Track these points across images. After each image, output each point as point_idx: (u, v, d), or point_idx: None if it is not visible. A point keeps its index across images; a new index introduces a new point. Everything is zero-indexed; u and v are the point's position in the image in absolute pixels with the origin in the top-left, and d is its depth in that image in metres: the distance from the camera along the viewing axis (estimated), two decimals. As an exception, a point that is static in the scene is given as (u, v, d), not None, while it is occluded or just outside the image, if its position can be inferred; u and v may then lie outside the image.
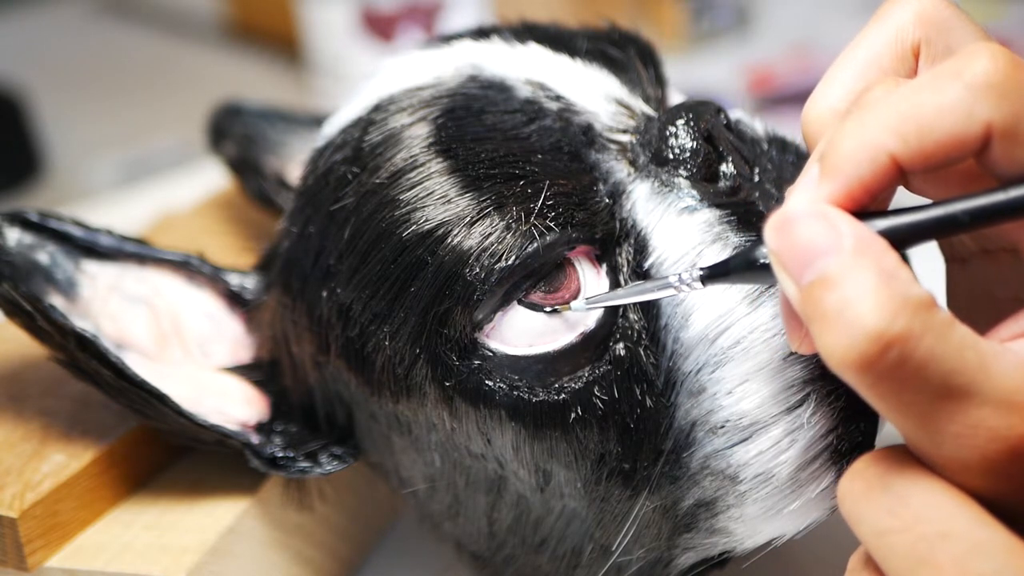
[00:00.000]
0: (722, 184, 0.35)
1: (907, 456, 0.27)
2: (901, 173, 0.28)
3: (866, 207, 0.28)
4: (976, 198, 0.27)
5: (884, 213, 0.28)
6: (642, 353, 0.33)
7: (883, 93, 0.29)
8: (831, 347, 0.26)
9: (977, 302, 0.34)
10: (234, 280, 0.43)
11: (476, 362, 0.34)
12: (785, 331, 0.31)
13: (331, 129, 0.39)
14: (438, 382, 0.34)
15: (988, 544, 0.25)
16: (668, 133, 0.35)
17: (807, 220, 0.27)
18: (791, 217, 0.27)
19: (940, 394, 0.25)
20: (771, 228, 0.27)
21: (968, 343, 0.25)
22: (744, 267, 0.30)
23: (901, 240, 0.28)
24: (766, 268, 0.29)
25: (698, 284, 0.31)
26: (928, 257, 0.35)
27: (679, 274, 0.32)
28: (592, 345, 0.33)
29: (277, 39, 1.11)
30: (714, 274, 0.31)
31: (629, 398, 0.33)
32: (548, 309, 0.34)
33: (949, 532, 0.25)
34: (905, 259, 0.32)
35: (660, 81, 0.40)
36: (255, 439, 0.39)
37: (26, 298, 0.38)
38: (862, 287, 0.25)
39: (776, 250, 0.27)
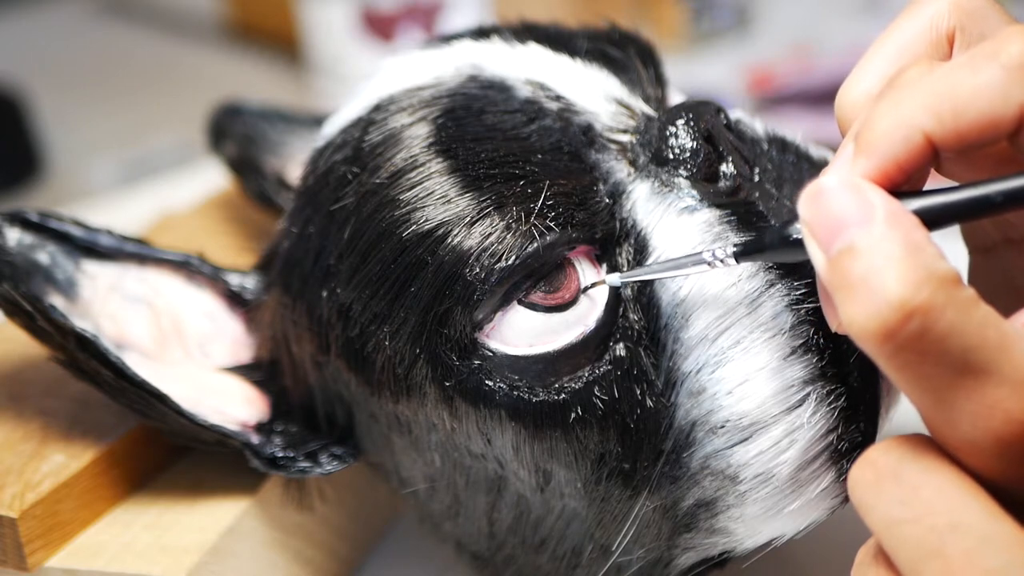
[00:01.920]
0: (722, 184, 0.35)
1: (920, 446, 0.27)
2: (935, 153, 0.28)
3: (899, 186, 0.28)
4: (1011, 179, 0.27)
5: (916, 193, 0.28)
6: (642, 353, 0.33)
7: (918, 74, 0.29)
8: (853, 315, 0.26)
9: (999, 292, 0.34)
10: (234, 280, 0.43)
11: (476, 362, 0.34)
12: (824, 310, 0.31)
13: (331, 129, 0.39)
14: (438, 382, 0.34)
15: (998, 538, 0.25)
16: (668, 133, 0.35)
17: (839, 191, 0.27)
18: (824, 188, 0.27)
19: (959, 370, 0.25)
20: (804, 198, 0.28)
21: (990, 322, 0.25)
22: (778, 243, 0.30)
23: (933, 219, 0.28)
24: (799, 244, 0.29)
25: (731, 260, 0.31)
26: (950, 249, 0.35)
27: (712, 250, 0.32)
28: (592, 345, 0.33)
29: (277, 39, 1.11)
30: (747, 251, 0.31)
31: (629, 398, 0.33)
32: (584, 286, 0.33)
33: (960, 524, 0.25)
34: None
35: (660, 81, 0.40)
36: (255, 439, 0.39)
37: (26, 298, 0.38)
38: (888, 257, 0.25)
39: (808, 219, 0.27)
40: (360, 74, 0.43)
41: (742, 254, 0.31)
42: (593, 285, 0.34)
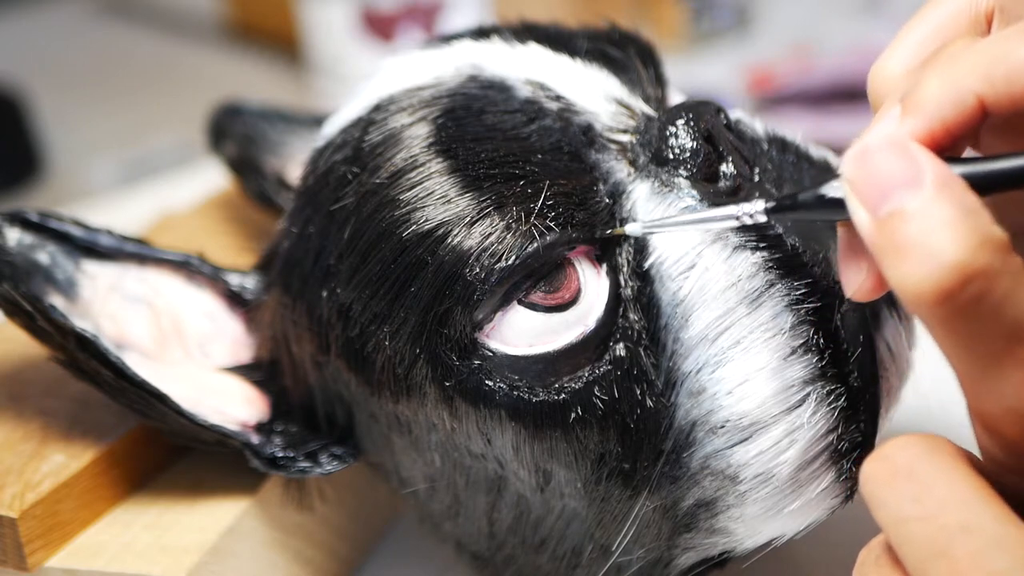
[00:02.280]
0: (722, 184, 0.35)
1: (937, 446, 0.27)
2: (984, 117, 0.28)
3: (944, 151, 0.28)
4: None
5: (961, 159, 0.28)
6: (642, 353, 0.33)
7: (965, 45, 0.29)
8: (907, 278, 0.25)
9: None
10: (234, 280, 0.43)
11: (476, 362, 0.34)
12: (840, 275, 0.31)
13: (331, 129, 0.39)
14: (438, 382, 0.34)
15: (1007, 541, 0.25)
16: (668, 133, 0.35)
17: (889, 151, 0.27)
18: (872, 147, 0.27)
19: (1010, 337, 0.25)
20: (850, 158, 0.27)
21: None
22: (813, 201, 0.30)
23: (982, 186, 0.27)
24: (833, 203, 0.29)
25: (762, 216, 0.31)
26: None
27: (743, 206, 0.31)
28: (592, 345, 0.33)
29: (277, 39, 1.11)
30: (780, 207, 0.31)
31: (629, 398, 0.33)
32: (599, 235, 0.33)
33: (970, 525, 0.25)
34: None
35: (660, 81, 0.40)
36: (255, 439, 0.39)
37: (26, 298, 0.38)
38: (944, 220, 0.25)
39: (853, 179, 0.27)
40: (360, 74, 0.43)
41: (774, 210, 0.31)
42: (611, 233, 0.34)
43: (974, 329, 0.25)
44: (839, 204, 0.29)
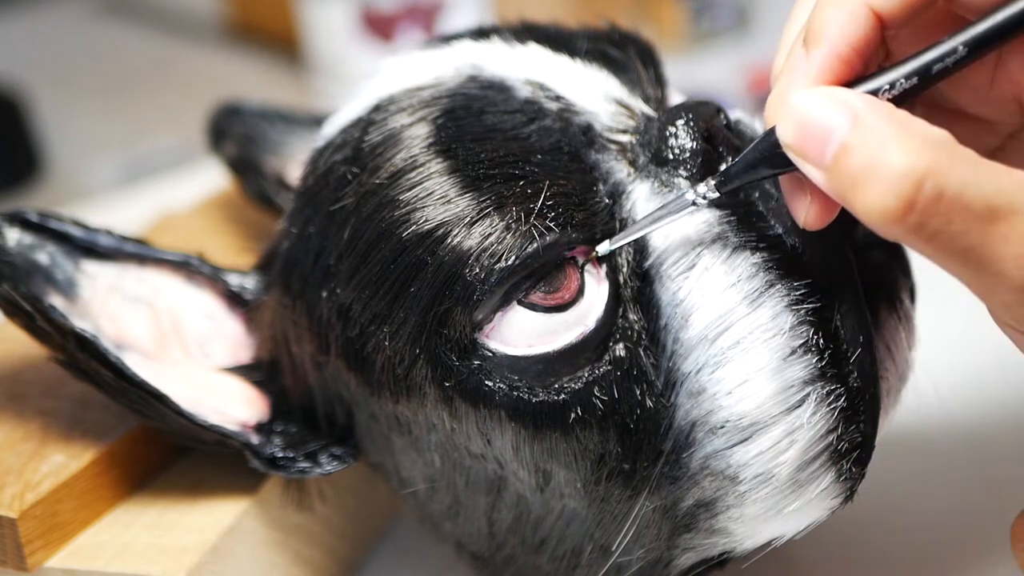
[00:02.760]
0: (722, 184, 0.35)
1: None
2: (883, 28, 0.29)
3: (858, 72, 0.29)
4: (968, 29, 0.28)
5: (867, 77, 0.29)
6: (642, 353, 0.33)
7: None
8: (869, 206, 0.26)
9: None
10: (234, 280, 0.43)
11: (476, 362, 0.34)
12: (790, 210, 0.31)
13: (331, 129, 0.39)
14: (438, 382, 0.34)
15: None
16: (668, 133, 0.35)
17: (812, 102, 0.27)
18: (795, 105, 0.28)
19: (987, 218, 0.26)
20: (780, 121, 0.28)
21: (1000, 169, 0.26)
22: (754, 160, 0.31)
23: (907, 91, 0.28)
24: (775, 158, 0.30)
25: (713, 193, 0.32)
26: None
27: (694, 188, 0.32)
28: (592, 345, 0.33)
29: (277, 39, 1.11)
30: (728, 178, 0.32)
31: (629, 398, 0.33)
32: (582, 261, 0.34)
33: None
34: None
35: (660, 81, 0.40)
36: (255, 439, 0.39)
37: (26, 298, 0.38)
38: (881, 139, 0.26)
39: (792, 143, 0.28)
40: (360, 74, 0.43)
41: (722, 184, 0.32)
42: (585, 262, 0.34)
43: (949, 227, 0.26)
44: (773, 155, 0.30)
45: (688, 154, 0.35)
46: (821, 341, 0.33)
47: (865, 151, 0.26)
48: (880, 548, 0.44)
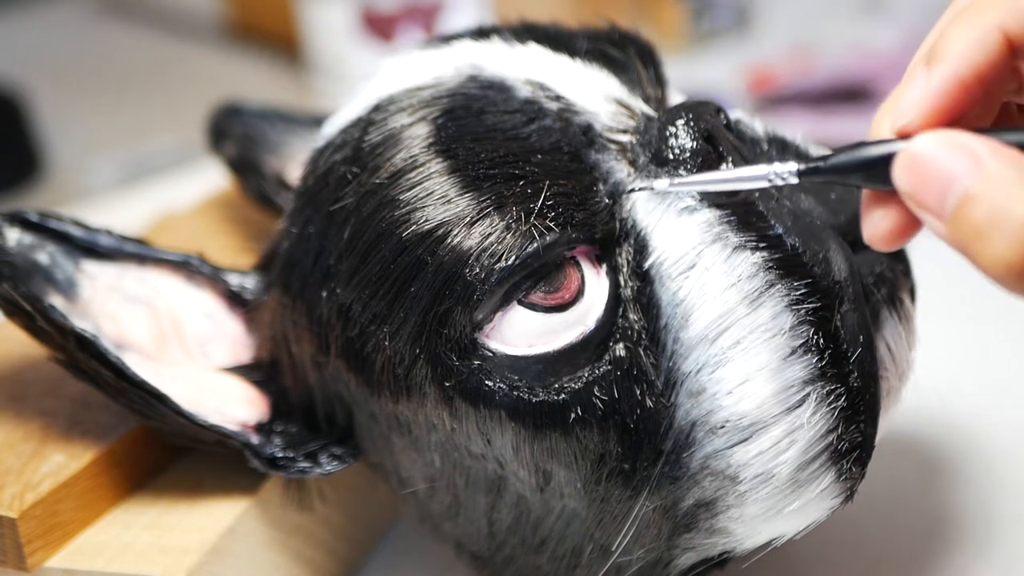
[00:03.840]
0: (722, 184, 0.35)
1: None
2: (1013, 54, 0.27)
3: (979, 101, 0.27)
4: None
5: (998, 130, 0.27)
6: (642, 353, 0.33)
7: None
8: (994, 258, 0.25)
9: None
10: (234, 280, 0.43)
11: (476, 362, 0.34)
12: (862, 221, 0.30)
13: (331, 129, 0.39)
14: (438, 382, 0.34)
15: None
16: (668, 133, 0.35)
17: (935, 151, 0.26)
18: (918, 153, 0.26)
19: None
20: (901, 169, 0.27)
21: None
22: (850, 169, 0.29)
23: None
24: (867, 167, 0.28)
25: (793, 178, 0.31)
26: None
27: (774, 168, 0.31)
28: (592, 345, 0.33)
29: (277, 39, 1.11)
30: (814, 172, 0.30)
31: (629, 398, 0.33)
32: (632, 189, 0.33)
33: None
34: None
35: (660, 81, 0.40)
36: (255, 439, 0.39)
37: (26, 298, 0.38)
38: (1007, 187, 0.25)
39: (909, 192, 0.26)
40: (360, 74, 0.43)
41: (806, 172, 0.30)
42: (641, 189, 0.34)
43: None
44: (872, 167, 0.28)
45: (688, 154, 0.35)
46: (821, 341, 0.33)
47: (989, 200, 0.25)
48: (880, 548, 0.44)
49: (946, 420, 0.49)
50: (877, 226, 0.29)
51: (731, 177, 0.32)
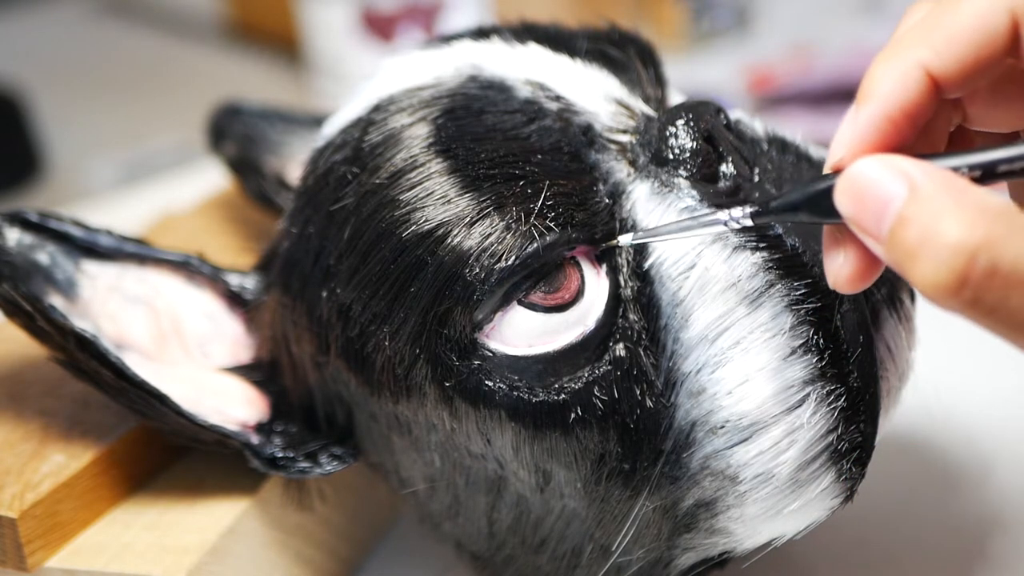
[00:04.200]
0: (722, 184, 0.35)
1: None
2: (938, 89, 0.28)
3: (908, 137, 0.28)
4: None
5: (946, 154, 0.28)
6: (642, 353, 0.33)
7: (914, 20, 0.29)
8: (924, 278, 0.25)
9: None
10: (234, 280, 0.43)
11: (476, 362, 0.34)
12: (824, 265, 0.30)
13: (331, 129, 0.39)
14: (438, 382, 0.34)
15: None
16: (668, 133, 0.35)
17: (871, 173, 0.27)
18: (855, 176, 0.27)
19: None
20: (841, 193, 0.27)
21: None
22: (798, 206, 0.30)
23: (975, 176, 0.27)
24: (819, 204, 0.29)
25: (747, 221, 0.31)
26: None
27: (729, 211, 0.31)
28: (592, 345, 0.33)
29: (277, 39, 1.11)
30: (765, 212, 0.31)
31: (629, 398, 0.33)
32: (599, 236, 0.33)
33: None
34: None
35: (660, 81, 0.40)
36: (255, 439, 0.39)
37: (26, 298, 0.38)
38: (937, 210, 0.25)
39: (851, 216, 0.27)
40: (360, 74, 0.43)
41: (760, 214, 0.31)
42: (607, 246, 0.34)
43: (1007, 300, 0.25)
44: (818, 202, 0.29)
45: (688, 154, 0.35)
46: (821, 341, 0.33)
47: (919, 223, 0.25)
48: (880, 548, 0.44)
49: (946, 420, 0.49)
50: (839, 270, 0.30)
51: (689, 225, 0.33)
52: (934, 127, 0.31)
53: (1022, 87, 0.30)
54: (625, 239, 0.34)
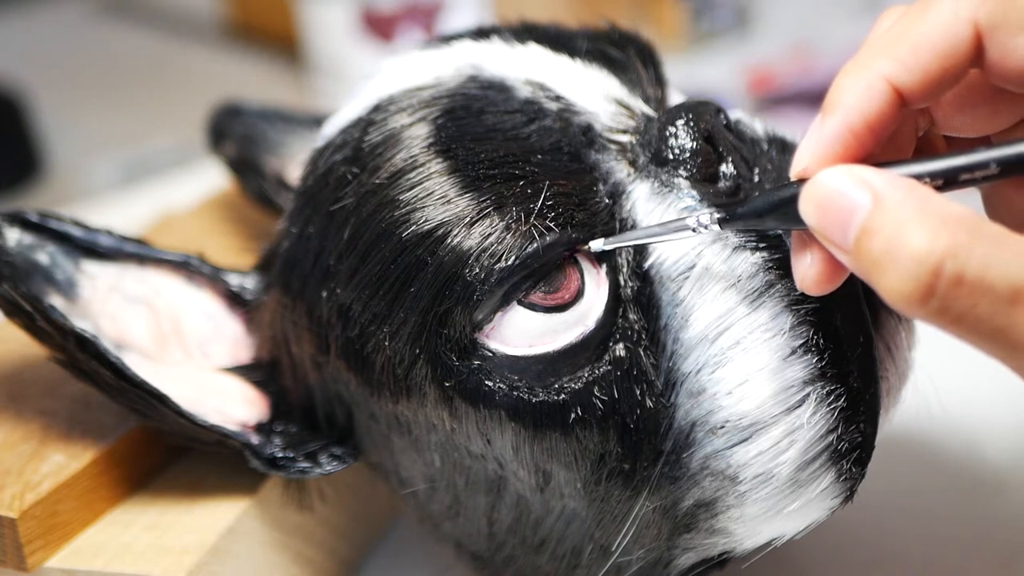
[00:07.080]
0: (722, 184, 0.35)
1: None
2: (902, 101, 0.28)
3: (871, 148, 0.28)
4: (1005, 147, 0.27)
5: (902, 161, 0.28)
6: (642, 353, 0.33)
7: (879, 31, 0.29)
8: (891, 288, 0.25)
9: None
10: (234, 280, 0.43)
11: (476, 362, 0.34)
12: (793, 272, 0.31)
13: (331, 129, 0.39)
14: (438, 382, 0.34)
15: None
16: (668, 133, 0.35)
17: (835, 184, 0.27)
18: (819, 187, 0.27)
19: (1011, 299, 0.24)
20: (805, 203, 0.28)
21: None
22: (764, 213, 0.30)
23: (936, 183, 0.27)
24: (784, 214, 0.29)
25: (715, 226, 0.32)
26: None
27: (697, 216, 0.32)
28: (592, 345, 0.33)
29: (277, 39, 1.11)
30: (732, 218, 0.31)
31: (629, 398, 0.33)
32: (576, 249, 0.34)
33: None
34: None
35: (660, 81, 0.40)
36: (255, 439, 0.39)
37: (26, 298, 0.38)
38: (900, 221, 0.25)
39: (817, 227, 0.27)
40: (360, 74, 0.43)
41: (725, 221, 0.31)
42: (576, 250, 0.34)
43: (974, 308, 0.25)
44: (784, 209, 0.29)
45: (688, 154, 0.35)
46: (821, 341, 0.33)
47: (883, 234, 0.25)
48: (880, 548, 0.44)
49: (946, 420, 0.49)
50: (806, 272, 0.30)
51: (658, 231, 0.33)
52: (901, 133, 0.31)
53: (987, 94, 0.30)
54: (596, 244, 0.34)
